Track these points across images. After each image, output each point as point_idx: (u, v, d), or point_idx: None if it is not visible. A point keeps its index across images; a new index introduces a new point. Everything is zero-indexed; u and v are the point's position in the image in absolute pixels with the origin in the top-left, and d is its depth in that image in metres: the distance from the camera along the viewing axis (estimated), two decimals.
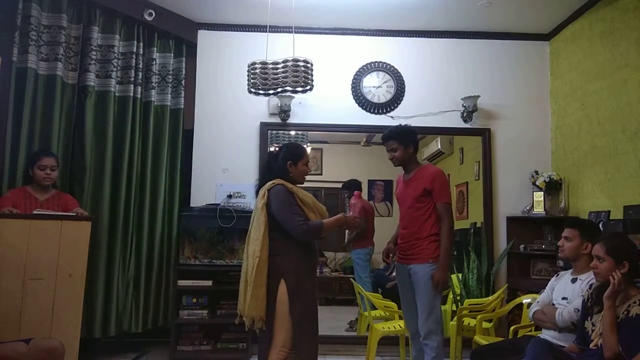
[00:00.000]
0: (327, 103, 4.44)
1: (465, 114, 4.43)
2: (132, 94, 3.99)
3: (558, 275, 2.76)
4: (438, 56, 4.57)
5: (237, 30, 4.49)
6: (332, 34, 4.52)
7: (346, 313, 5.11)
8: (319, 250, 6.12)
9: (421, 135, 4.88)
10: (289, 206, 2.52)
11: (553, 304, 2.63)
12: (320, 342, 3.78)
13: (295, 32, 3.78)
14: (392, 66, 4.53)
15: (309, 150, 5.05)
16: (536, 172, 4.35)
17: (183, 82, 4.33)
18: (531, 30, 4.50)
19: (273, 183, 2.59)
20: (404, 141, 2.95)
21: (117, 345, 3.96)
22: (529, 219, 4.28)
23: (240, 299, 2.54)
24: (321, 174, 5.87)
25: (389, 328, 3.55)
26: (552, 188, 4.23)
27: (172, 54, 4.32)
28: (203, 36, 4.48)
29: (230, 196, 4.25)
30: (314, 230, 2.52)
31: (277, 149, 2.92)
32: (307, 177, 2.77)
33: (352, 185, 5.16)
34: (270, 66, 3.14)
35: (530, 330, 2.99)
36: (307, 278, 2.57)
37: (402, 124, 3.14)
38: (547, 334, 2.57)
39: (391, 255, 3.10)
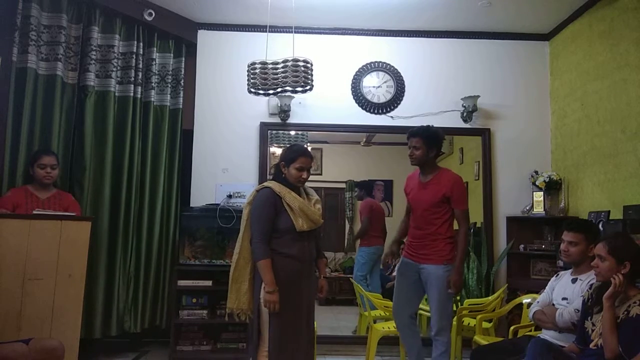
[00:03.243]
0: (327, 103, 4.44)
1: (465, 114, 4.43)
2: (132, 94, 3.99)
3: (558, 275, 2.76)
4: (438, 56, 4.57)
5: (237, 30, 4.49)
6: (332, 34, 4.52)
7: (346, 313, 5.11)
8: (320, 250, 6.12)
9: None
10: (259, 214, 2.54)
11: (553, 304, 2.63)
12: (320, 342, 3.82)
13: (295, 32, 3.78)
14: (392, 66, 4.53)
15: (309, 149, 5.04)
16: (536, 172, 4.36)
17: (182, 82, 4.33)
18: (531, 30, 4.50)
19: (263, 185, 2.63)
20: (429, 143, 2.99)
21: (117, 345, 3.97)
22: (529, 219, 4.28)
23: None
24: (321, 174, 5.87)
25: (389, 328, 3.55)
26: (552, 188, 4.23)
27: (172, 54, 4.32)
28: (203, 36, 4.48)
29: (230, 196, 4.24)
30: (256, 255, 2.52)
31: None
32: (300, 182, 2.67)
33: (363, 186, 5.18)
34: (270, 66, 3.14)
35: (530, 330, 2.99)
36: (293, 278, 2.54)
37: (433, 126, 3.12)
38: (547, 334, 2.57)
39: (389, 264, 3.17)
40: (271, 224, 2.54)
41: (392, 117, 4.48)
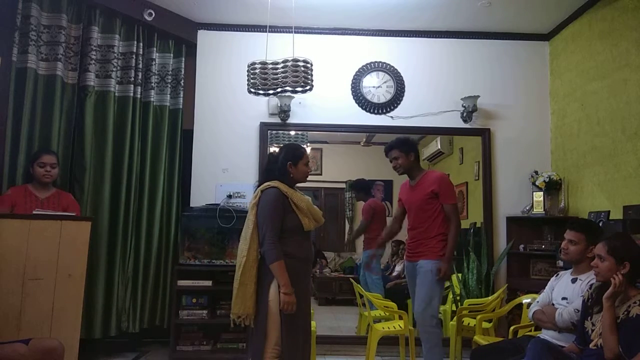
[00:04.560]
0: (327, 103, 4.44)
1: (465, 114, 4.43)
2: (131, 94, 3.99)
3: (558, 275, 2.76)
4: (438, 56, 4.57)
5: (237, 30, 4.49)
6: (332, 34, 4.52)
7: (346, 313, 5.11)
8: (320, 251, 6.14)
9: (421, 135, 4.88)
10: (270, 214, 2.51)
11: (553, 304, 2.63)
12: (321, 342, 3.81)
13: (295, 32, 3.79)
14: (392, 66, 4.53)
15: (308, 150, 5.05)
16: (536, 172, 4.36)
17: (182, 82, 4.33)
18: (531, 30, 4.50)
19: (268, 185, 2.60)
20: (405, 149, 3.17)
21: (117, 345, 3.96)
22: (529, 219, 4.28)
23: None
24: (321, 174, 5.87)
25: (389, 328, 3.55)
26: (552, 188, 4.23)
27: (172, 54, 4.32)
28: (203, 36, 4.48)
29: (230, 196, 4.25)
30: (269, 256, 2.48)
31: (277, 150, 2.94)
32: (307, 177, 2.76)
33: (361, 188, 5.17)
34: (270, 66, 3.15)
35: (530, 330, 2.99)
36: (298, 279, 2.54)
37: (402, 135, 3.33)
38: (546, 334, 2.57)
39: (372, 264, 3.30)
40: (280, 223, 2.53)
41: (392, 117, 4.48)
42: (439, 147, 5.01)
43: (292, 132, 4.62)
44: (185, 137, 4.33)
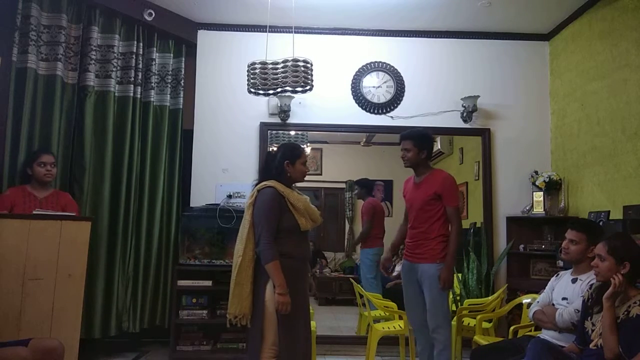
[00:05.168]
0: (327, 103, 4.44)
1: (465, 114, 4.43)
2: (131, 94, 3.99)
3: (558, 275, 2.76)
4: (438, 56, 4.57)
5: (237, 30, 4.49)
6: (332, 34, 4.52)
7: (346, 313, 5.12)
8: (320, 250, 6.13)
9: None
10: (266, 214, 2.51)
11: (553, 304, 2.63)
12: (321, 342, 3.81)
13: (295, 32, 3.78)
14: (392, 66, 4.53)
15: (308, 150, 5.05)
16: (536, 172, 4.36)
17: (182, 82, 4.34)
18: (531, 30, 4.51)
19: (265, 184, 2.59)
20: (420, 144, 3.07)
21: (117, 345, 3.97)
22: (529, 219, 4.28)
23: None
24: (321, 174, 5.88)
25: (389, 328, 3.55)
26: (552, 188, 4.23)
27: (172, 54, 4.32)
28: (203, 36, 4.49)
29: (230, 196, 4.25)
30: (265, 256, 2.48)
31: (275, 149, 2.93)
32: (307, 177, 2.75)
33: (364, 186, 5.17)
34: (270, 66, 3.15)
35: (530, 330, 2.99)
36: (294, 279, 2.53)
37: (423, 128, 3.22)
38: (547, 334, 2.57)
39: (388, 266, 3.30)
40: (277, 223, 2.52)
41: (392, 117, 4.49)
42: (439, 147, 5.02)
43: (292, 132, 4.63)
44: (185, 137, 4.33)
